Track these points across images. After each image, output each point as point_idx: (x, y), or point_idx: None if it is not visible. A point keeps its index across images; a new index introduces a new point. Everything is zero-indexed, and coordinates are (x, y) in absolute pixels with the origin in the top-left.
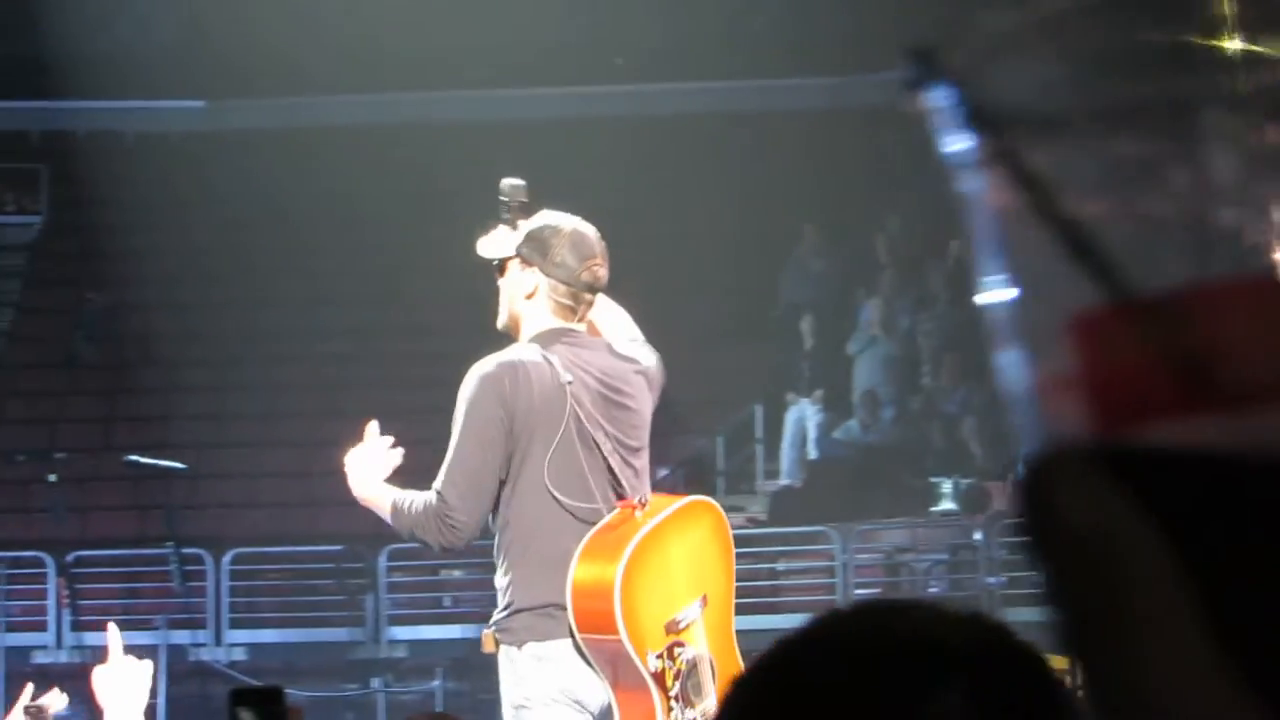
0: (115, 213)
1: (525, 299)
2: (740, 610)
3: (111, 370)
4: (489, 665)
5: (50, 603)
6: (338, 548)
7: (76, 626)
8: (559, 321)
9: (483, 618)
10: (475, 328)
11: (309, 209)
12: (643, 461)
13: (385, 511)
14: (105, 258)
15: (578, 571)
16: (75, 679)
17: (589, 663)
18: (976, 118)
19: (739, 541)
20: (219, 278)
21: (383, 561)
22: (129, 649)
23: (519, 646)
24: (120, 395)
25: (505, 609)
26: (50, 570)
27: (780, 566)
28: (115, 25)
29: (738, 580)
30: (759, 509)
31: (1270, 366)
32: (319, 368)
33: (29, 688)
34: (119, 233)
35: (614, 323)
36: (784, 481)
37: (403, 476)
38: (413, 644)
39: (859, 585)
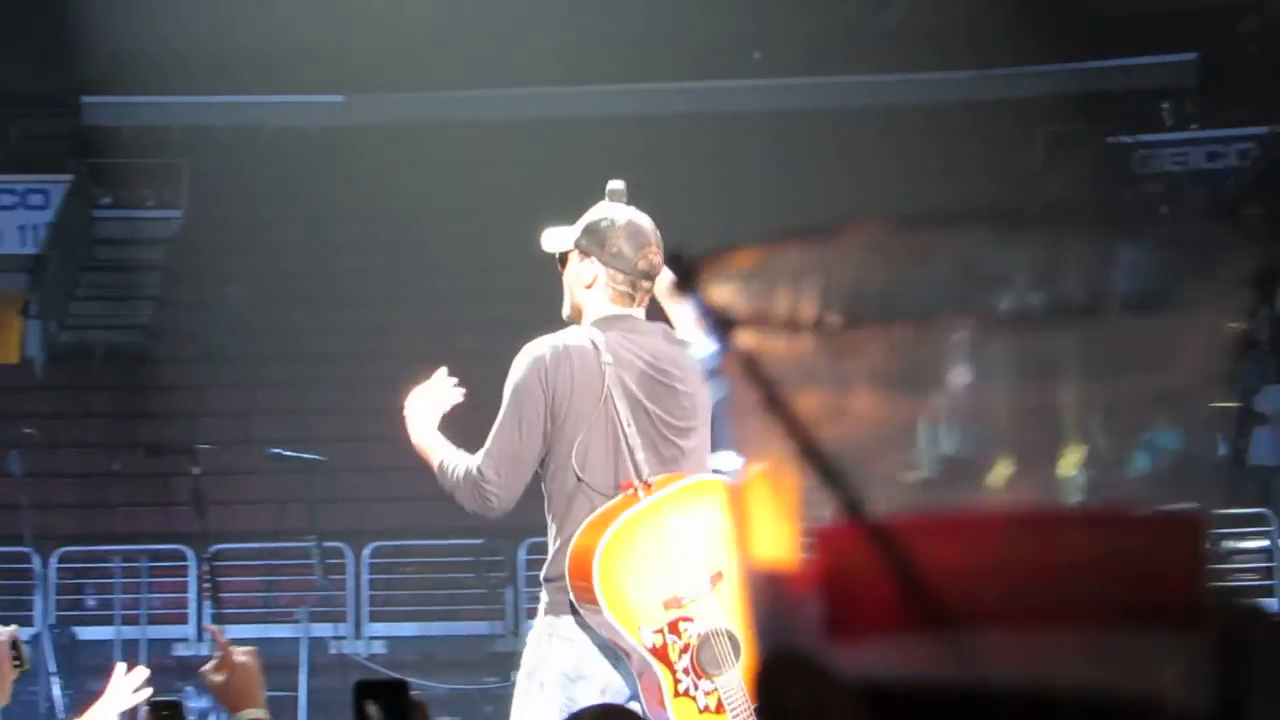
0: (254, 207)
1: (585, 288)
2: None
3: (251, 364)
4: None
5: (191, 595)
6: (477, 541)
7: (217, 619)
8: (617, 308)
9: None
10: None
11: (444, 203)
12: (693, 441)
13: (432, 465)
14: (244, 252)
15: (573, 547)
16: None
17: (596, 635)
18: (718, 323)
19: None
20: (356, 271)
21: (522, 555)
22: (267, 641)
23: (544, 615)
24: (259, 389)
25: (545, 579)
26: (191, 563)
27: None
28: (255, 21)
29: None
30: None
31: (977, 595)
32: (455, 361)
33: (119, 669)
34: (258, 227)
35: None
36: None
37: None
38: None
39: None
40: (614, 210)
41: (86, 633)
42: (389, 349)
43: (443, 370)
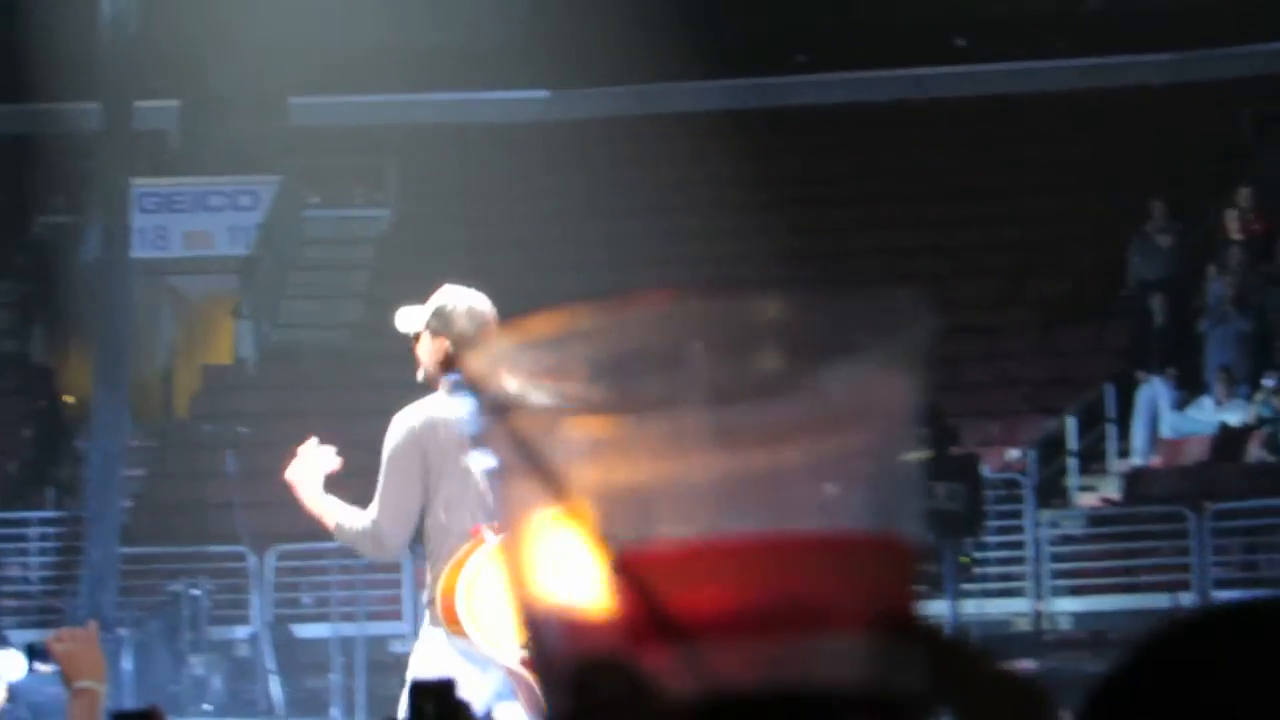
0: (462, 203)
1: (437, 362)
2: (1098, 590)
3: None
4: None
5: (407, 593)
6: None
7: None
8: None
9: None
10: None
11: (651, 197)
12: None
13: (328, 526)
14: (453, 248)
15: (440, 592)
16: None
17: (466, 656)
18: (487, 406)
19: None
20: (566, 267)
21: None
22: None
23: (425, 627)
24: None
25: (427, 600)
26: (406, 560)
27: (1137, 545)
28: (460, 18)
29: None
30: (1112, 489)
31: (717, 611)
32: None
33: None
34: (466, 223)
35: None
36: (1136, 461)
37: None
38: None
39: (1217, 564)
40: (456, 295)
41: (303, 631)
42: None
43: (313, 440)
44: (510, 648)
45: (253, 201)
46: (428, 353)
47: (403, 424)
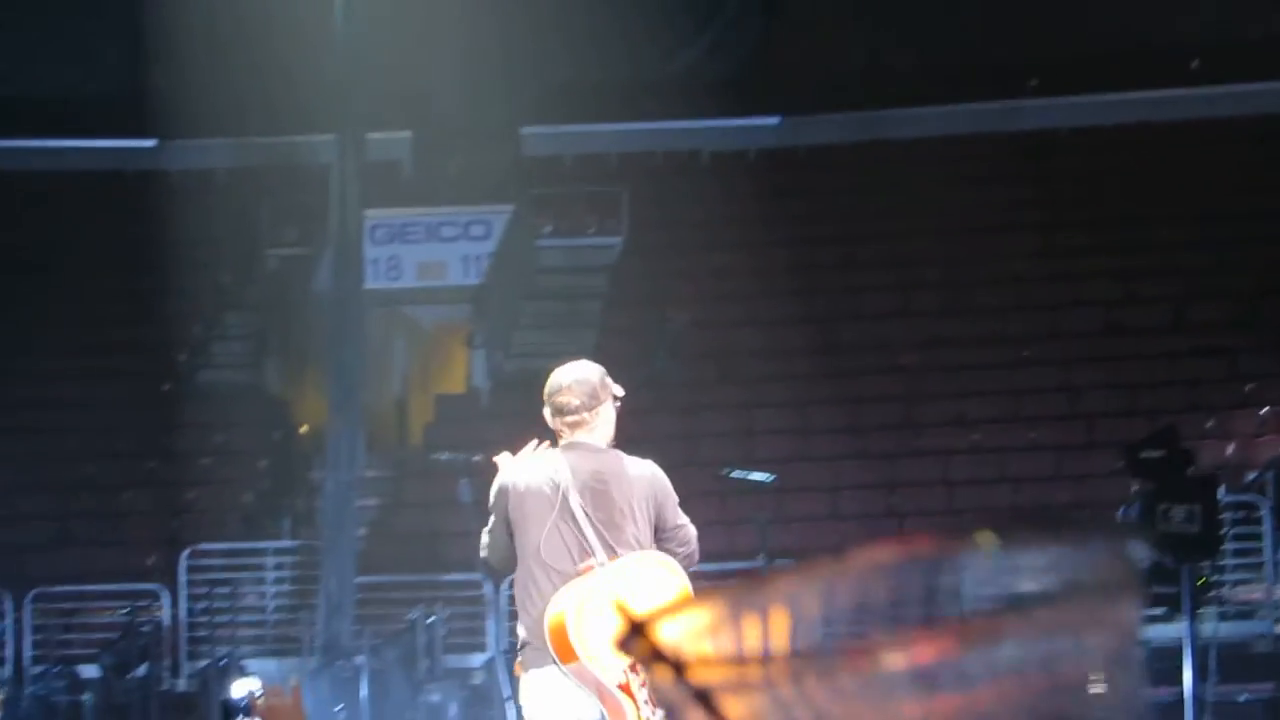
0: (693, 231)
1: (551, 427)
2: None
3: (693, 387)
4: None
5: None
6: None
7: None
8: (566, 438)
9: None
10: (1048, 334)
11: (880, 222)
12: (625, 534)
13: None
14: (684, 276)
15: (549, 621)
16: None
17: (573, 682)
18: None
19: None
20: (797, 292)
21: None
22: None
23: (525, 672)
24: (702, 411)
25: (519, 645)
26: None
27: None
28: (686, 48)
29: None
30: None
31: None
32: (896, 379)
33: None
34: (697, 250)
35: None
36: None
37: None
38: None
39: None
40: (553, 374)
41: None
42: (832, 369)
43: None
44: (612, 673)
45: (485, 231)
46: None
47: (497, 479)
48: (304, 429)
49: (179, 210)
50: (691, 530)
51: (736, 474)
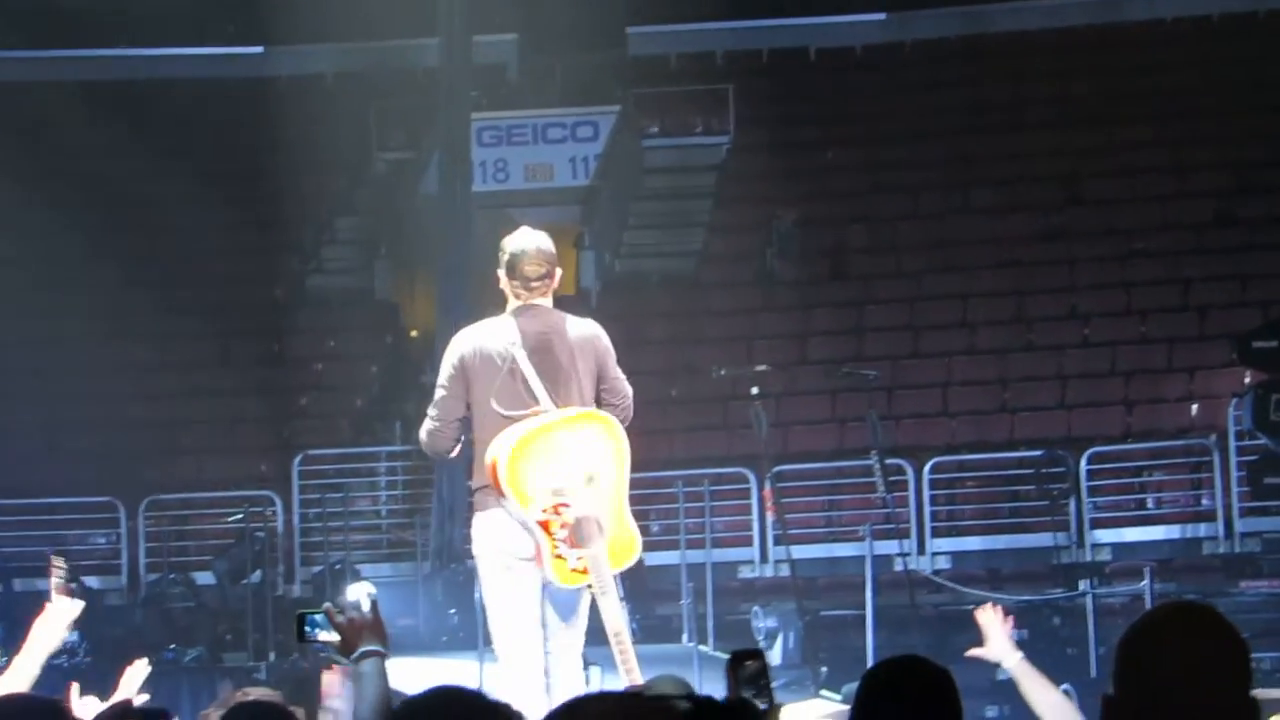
0: (801, 129)
1: (500, 289)
2: None
3: (804, 285)
4: (1199, 566)
5: (754, 518)
6: (1037, 453)
7: (780, 540)
8: (517, 301)
9: (1187, 518)
10: (1159, 225)
11: (987, 117)
12: (570, 389)
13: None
14: (793, 174)
15: (488, 456)
16: (775, 592)
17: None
18: None
19: None
20: (906, 189)
21: (1084, 465)
22: (831, 561)
23: (477, 513)
24: (814, 310)
25: (473, 489)
26: (753, 486)
27: None
28: None
29: None
30: None
31: None
32: (1007, 274)
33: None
34: (806, 149)
35: None
36: None
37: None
38: (1117, 546)
39: None
40: (512, 234)
41: (652, 558)
42: (942, 264)
43: None
44: (532, 509)
45: (592, 132)
46: (498, 283)
47: (453, 338)
48: (414, 333)
49: (287, 116)
50: (628, 387)
51: (847, 372)
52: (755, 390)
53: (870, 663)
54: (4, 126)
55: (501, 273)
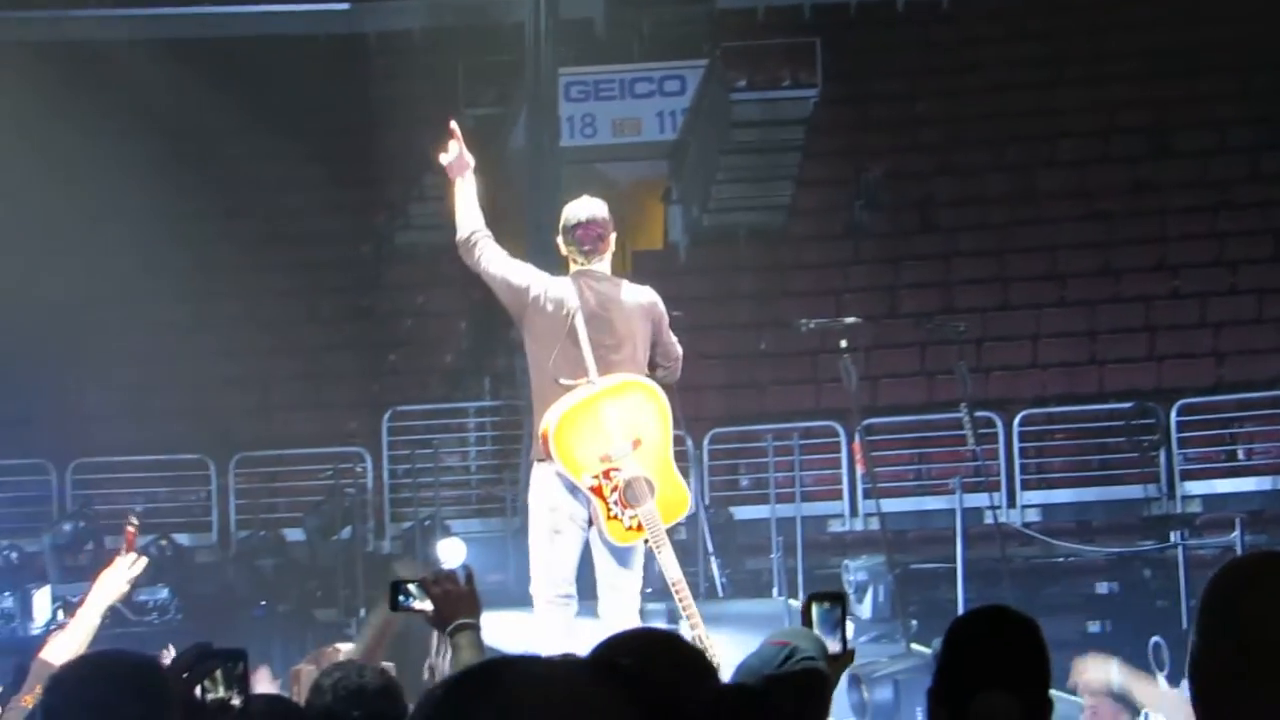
0: (890, 81)
1: (563, 255)
2: None
3: (892, 238)
4: None
5: (843, 472)
6: (1127, 405)
7: (870, 494)
8: (575, 265)
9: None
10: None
11: (1075, 68)
12: (623, 354)
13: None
14: (881, 127)
15: (542, 424)
16: (865, 546)
17: (565, 481)
18: None
19: None
20: (995, 141)
21: (1174, 417)
22: (921, 514)
23: (535, 466)
24: (903, 263)
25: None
26: (842, 439)
27: None
28: None
29: None
30: None
31: None
32: (1096, 226)
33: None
34: (893, 101)
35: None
36: None
37: None
38: (1208, 498)
39: None
40: (568, 205)
41: (742, 512)
42: (1031, 216)
43: None
44: (585, 476)
45: (679, 86)
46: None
47: (542, 274)
48: None
49: (375, 73)
50: (679, 349)
51: (937, 325)
52: (844, 343)
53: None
54: (92, 86)
55: (560, 239)
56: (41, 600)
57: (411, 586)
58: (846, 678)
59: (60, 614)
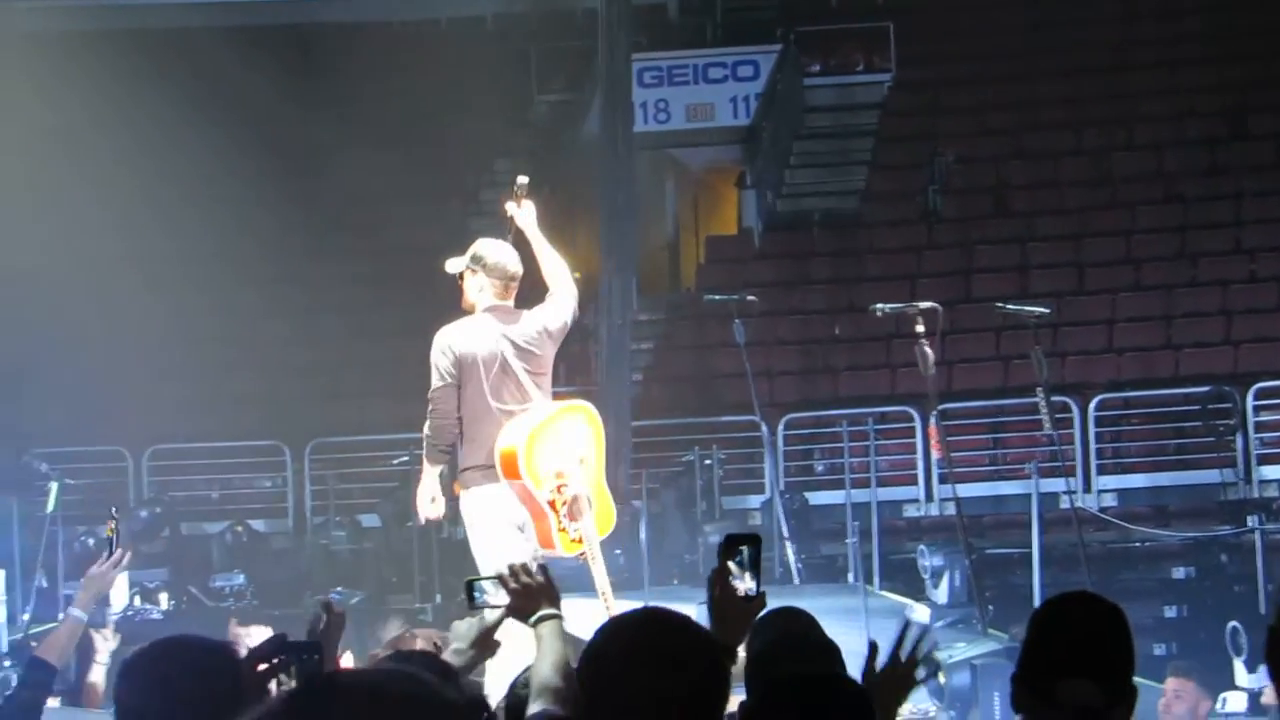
0: (962, 65)
1: (478, 292)
2: None
3: (966, 222)
4: None
5: (919, 456)
6: (1203, 389)
7: (946, 479)
8: (497, 301)
9: None
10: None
11: (1150, 51)
12: (546, 380)
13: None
14: (955, 111)
15: (503, 446)
16: (941, 531)
17: (511, 495)
18: None
19: None
20: (1068, 125)
21: (1250, 401)
22: (996, 499)
23: (468, 489)
24: (977, 247)
25: (461, 469)
26: (918, 424)
27: None
28: None
29: None
30: None
31: None
32: (1171, 210)
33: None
34: (966, 85)
35: (553, 272)
36: None
37: None
38: None
39: None
40: (489, 243)
41: (817, 497)
42: (1107, 200)
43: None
44: (544, 491)
45: (753, 71)
46: (471, 286)
47: (439, 336)
48: (576, 274)
49: (448, 59)
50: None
51: (1013, 308)
52: (919, 328)
53: (1037, 601)
54: (168, 74)
55: (481, 275)
56: (118, 586)
57: (486, 583)
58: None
59: (138, 600)
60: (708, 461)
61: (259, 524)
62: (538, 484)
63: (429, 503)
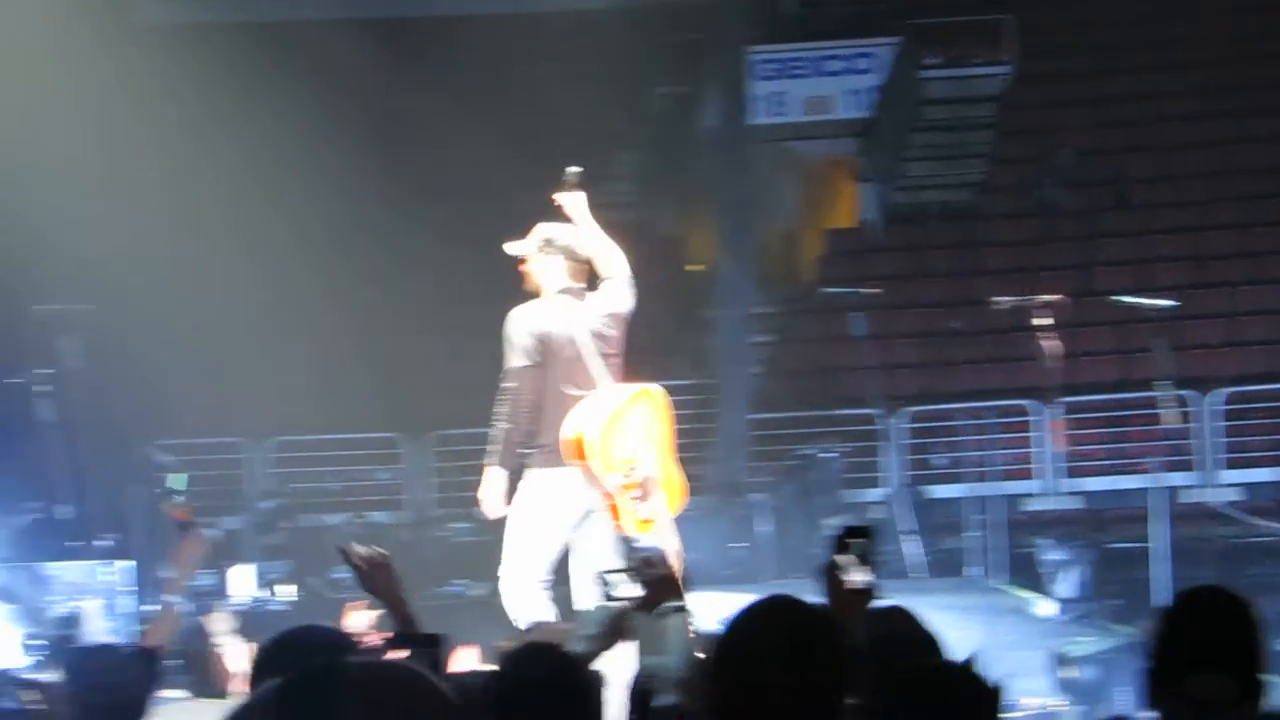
0: (1082, 58)
1: (551, 273)
2: None
3: (1086, 215)
4: None
5: (1040, 450)
6: None
7: (1067, 473)
8: (571, 283)
9: None
10: None
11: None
12: (618, 362)
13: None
14: (1073, 104)
15: (574, 431)
16: (1060, 525)
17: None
18: None
19: None
20: (1189, 117)
21: None
22: (1116, 494)
23: (535, 469)
24: (1097, 240)
25: (529, 449)
26: (1037, 418)
27: None
28: None
29: None
30: None
31: None
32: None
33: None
34: (1085, 78)
35: (610, 259)
36: None
37: None
38: None
39: None
40: (554, 226)
41: (937, 491)
42: (1229, 193)
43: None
44: (615, 475)
45: (870, 64)
46: (542, 267)
47: (516, 315)
48: (699, 266)
49: (564, 52)
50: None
51: (1134, 302)
52: (1040, 321)
53: (1160, 596)
54: (282, 68)
55: (556, 256)
56: (240, 577)
57: (617, 575)
58: (1048, 656)
59: (271, 592)
60: (827, 455)
61: (380, 515)
62: (610, 468)
63: (498, 503)
